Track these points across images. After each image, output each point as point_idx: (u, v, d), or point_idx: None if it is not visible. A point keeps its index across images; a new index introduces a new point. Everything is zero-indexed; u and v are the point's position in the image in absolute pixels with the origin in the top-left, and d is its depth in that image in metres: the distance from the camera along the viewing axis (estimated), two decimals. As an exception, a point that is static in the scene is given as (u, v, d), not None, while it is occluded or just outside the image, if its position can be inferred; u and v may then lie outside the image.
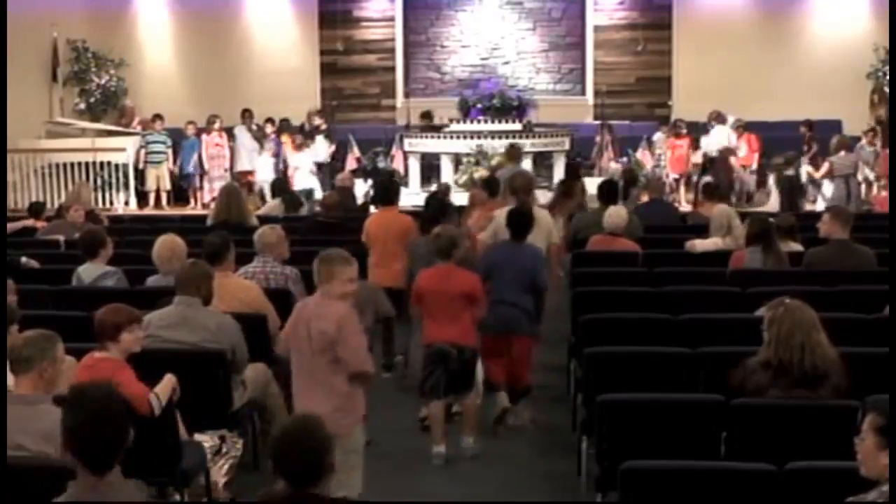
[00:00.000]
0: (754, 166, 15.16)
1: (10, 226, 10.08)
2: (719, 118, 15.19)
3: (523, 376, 6.80)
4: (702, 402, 4.74)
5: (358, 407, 4.97)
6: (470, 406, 6.34)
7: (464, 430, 6.33)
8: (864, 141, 14.42)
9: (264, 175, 15.18)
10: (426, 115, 15.81)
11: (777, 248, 7.32)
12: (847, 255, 7.27)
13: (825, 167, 13.47)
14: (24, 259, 7.99)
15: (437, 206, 8.14)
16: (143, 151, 15.50)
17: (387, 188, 8.61)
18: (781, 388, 4.56)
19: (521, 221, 6.88)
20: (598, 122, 16.20)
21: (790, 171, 12.84)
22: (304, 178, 14.75)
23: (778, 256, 7.31)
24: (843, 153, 13.16)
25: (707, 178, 12.97)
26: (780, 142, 14.65)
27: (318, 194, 13.87)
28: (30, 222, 10.45)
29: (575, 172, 12.23)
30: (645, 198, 11.20)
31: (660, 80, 17.65)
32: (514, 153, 11.91)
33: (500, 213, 7.51)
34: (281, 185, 12.15)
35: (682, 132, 15.17)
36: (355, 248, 9.06)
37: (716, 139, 14.98)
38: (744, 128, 15.15)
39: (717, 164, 14.28)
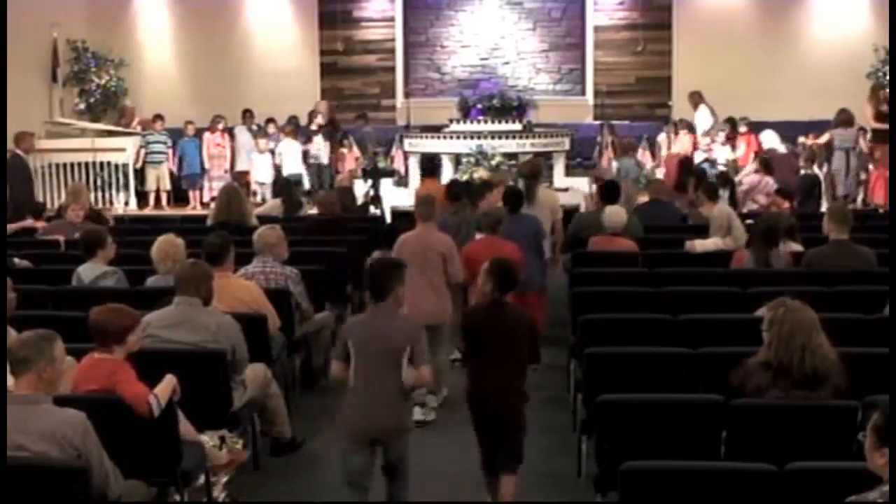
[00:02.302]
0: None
1: (10, 227, 10.08)
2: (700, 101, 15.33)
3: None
4: (702, 402, 4.73)
5: (451, 304, 7.18)
6: None
7: None
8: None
9: (260, 175, 15.24)
10: (362, 117, 16.32)
11: (780, 249, 7.31)
12: (846, 256, 7.27)
13: (825, 137, 14.10)
14: (16, 259, 7.98)
15: (469, 188, 9.53)
16: (142, 151, 15.50)
17: (431, 162, 10.62)
18: (781, 388, 4.56)
19: (514, 197, 8.40)
20: (598, 122, 16.19)
21: (811, 170, 12.88)
22: (290, 164, 15.00)
23: (778, 256, 7.30)
24: (842, 128, 13.82)
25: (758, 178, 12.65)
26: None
27: (307, 183, 14.75)
28: (29, 222, 10.45)
29: (689, 169, 12.27)
30: (646, 198, 11.19)
31: (660, 80, 17.65)
32: (626, 147, 13.30)
33: None
34: (283, 184, 12.19)
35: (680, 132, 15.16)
36: (352, 247, 9.18)
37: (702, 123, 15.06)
38: (748, 127, 15.18)
39: (777, 163, 13.20)
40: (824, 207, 12.07)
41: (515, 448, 5.19)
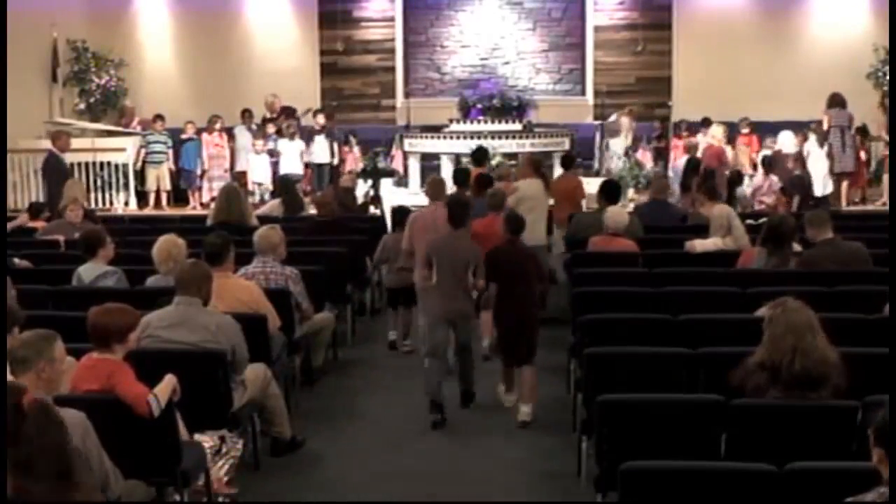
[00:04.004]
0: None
1: (8, 225, 10.08)
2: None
3: None
4: (702, 402, 4.73)
5: None
6: None
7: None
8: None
9: (257, 175, 15.22)
10: (329, 118, 16.20)
11: (787, 250, 7.31)
12: (839, 252, 7.30)
13: (825, 119, 14.36)
14: (16, 260, 7.98)
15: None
16: (143, 151, 15.51)
17: (481, 151, 11.51)
18: (780, 389, 4.55)
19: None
20: (598, 122, 16.18)
21: (798, 171, 12.88)
22: (288, 163, 15.02)
23: (785, 258, 7.30)
24: (837, 108, 14.25)
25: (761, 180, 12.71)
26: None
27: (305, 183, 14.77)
28: (25, 218, 10.44)
29: (696, 169, 12.28)
30: (645, 197, 11.21)
31: (660, 80, 17.65)
32: (692, 148, 13.76)
33: (522, 184, 9.75)
34: (284, 184, 12.21)
35: (682, 133, 15.17)
36: (352, 247, 9.17)
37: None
38: (750, 127, 15.19)
39: (783, 162, 13.58)
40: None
41: (533, 346, 6.90)
